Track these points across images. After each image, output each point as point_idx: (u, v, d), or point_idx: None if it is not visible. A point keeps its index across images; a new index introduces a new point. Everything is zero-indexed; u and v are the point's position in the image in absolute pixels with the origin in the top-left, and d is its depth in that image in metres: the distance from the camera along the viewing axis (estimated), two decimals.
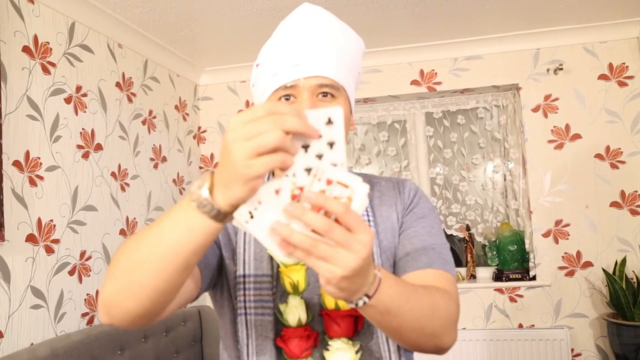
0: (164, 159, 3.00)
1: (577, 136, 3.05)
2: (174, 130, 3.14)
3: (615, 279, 2.70)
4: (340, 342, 0.93)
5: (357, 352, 0.94)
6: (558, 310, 3.00)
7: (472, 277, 3.18)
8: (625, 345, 2.61)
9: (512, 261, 3.09)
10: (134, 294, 0.71)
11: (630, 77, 3.01)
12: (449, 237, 3.35)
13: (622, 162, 2.99)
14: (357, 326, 0.95)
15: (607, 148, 3.01)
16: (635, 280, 2.78)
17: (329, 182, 0.64)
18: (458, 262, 3.30)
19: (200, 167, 3.44)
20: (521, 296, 3.04)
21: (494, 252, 3.20)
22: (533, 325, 3.01)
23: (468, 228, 3.25)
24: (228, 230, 1.00)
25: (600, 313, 2.91)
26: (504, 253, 3.09)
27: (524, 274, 3.06)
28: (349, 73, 0.99)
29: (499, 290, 3.07)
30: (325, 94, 0.95)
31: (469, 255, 3.20)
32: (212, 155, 3.45)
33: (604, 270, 2.80)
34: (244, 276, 0.95)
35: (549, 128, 3.08)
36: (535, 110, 3.10)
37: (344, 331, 0.93)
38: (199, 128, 3.47)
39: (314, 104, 0.93)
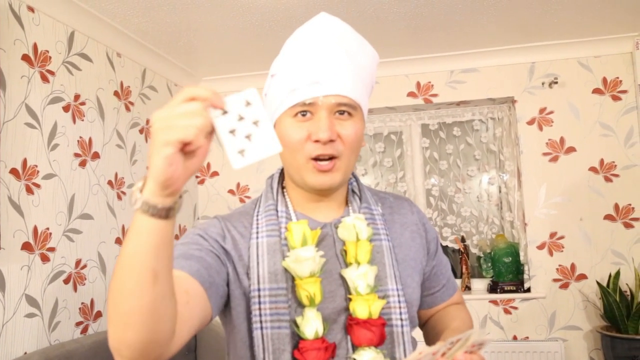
0: None
1: (571, 149, 3.07)
2: None
3: (609, 291, 2.71)
4: (371, 351, 0.94)
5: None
6: (552, 323, 3.00)
7: (467, 288, 3.18)
8: (619, 358, 2.61)
9: (506, 273, 3.10)
10: (127, 324, 0.70)
11: (624, 92, 3.04)
12: (444, 249, 3.36)
13: (616, 176, 3.01)
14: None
15: (601, 161, 3.04)
16: (629, 293, 2.79)
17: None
18: (453, 274, 3.30)
19: (197, 177, 3.44)
20: (516, 308, 3.05)
21: (489, 264, 3.21)
22: (527, 338, 3.02)
23: (463, 239, 3.26)
24: (239, 246, 1.00)
25: (594, 326, 2.92)
26: (499, 265, 3.10)
27: (519, 285, 3.07)
28: (365, 90, 1.01)
29: (494, 302, 3.07)
30: (342, 112, 0.97)
31: (463, 267, 3.20)
32: (208, 165, 3.46)
33: (598, 283, 2.82)
34: (259, 290, 0.94)
35: (543, 141, 3.11)
36: (531, 123, 3.13)
37: (377, 339, 0.94)
38: None
39: (331, 123, 0.95)
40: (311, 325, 0.93)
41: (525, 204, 3.10)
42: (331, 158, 0.96)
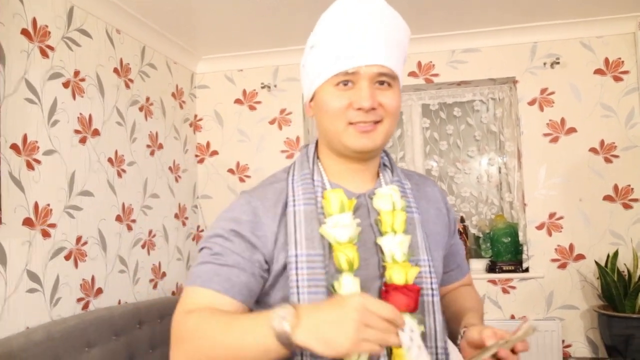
0: (160, 146, 3.00)
1: (572, 130, 3.07)
2: (171, 117, 3.14)
3: (607, 271, 2.73)
4: (407, 316, 0.95)
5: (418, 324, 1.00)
6: (550, 302, 3.03)
7: None
8: (615, 337, 2.64)
9: (505, 253, 3.11)
10: None
11: (626, 72, 3.03)
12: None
13: (616, 157, 3.02)
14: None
15: (602, 142, 3.04)
16: (626, 273, 2.81)
17: None
18: None
19: (196, 156, 3.44)
20: (514, 288, 3.07)
21: (488, 244, 3.22)
22: (525, 317, 3.04)
23: (462, 220, 3.27)
24: (267, 228, 1.00)
25: (591, 305, 2.95)
26: (498, 245, 3.12)
27: (517, 265, 3.09)
28: (400, 63, 1.04)
29: (492, 281, 3.09)
30: (382, 83, 1.00)
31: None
32: (208, 144, 3.45)
33: (596, 262, 2.83)
34: (296, 256, 0.96)
35: (544, 121, 3.10)
36: (532, 103, 3.12)
37: (413, 304, 0.97)
38: (195, 116, 3.46)
39: (373, 92, 0.98)
40: (350, 289, 0.95)
41: (525, 184, 3.10)
42: (373, 123, 0.99)
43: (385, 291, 0.98)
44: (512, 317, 3.06)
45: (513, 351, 0.94)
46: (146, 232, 2.79)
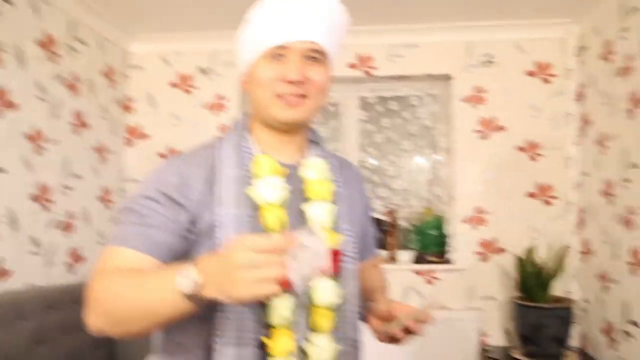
0: (86, 125, 2.89)
1: (501, 128, 3.16)
2: (99, 96, 3.03)
3: (525, 264, 2.83)
4: (327, 280, 1.02)
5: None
6: (471, 293, 3.12)
7: (393, 259, 3.25)
8: (528, 326, 2.75)
9: (432, 245, 3.18)
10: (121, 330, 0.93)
11: (554, 76, 3.14)
12: (375, 221, 3.41)
13: (540, 155, 3.13)
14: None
15: (528, 141, 3.14)
16: (543, 266, 2.92)
17: None
18: (382, 245, 3.36)
19: (126, 138, 3.33)
20: (438, 279, 3.15)
21: (416, 236, 3.28)
22: (446, 307, 3.12)
23: (393, 212, 3.31)
24: (195, 190, 1.02)
25: (509, 296, 3.05)
26: (425, 237, 3.18)
27: (442, 258, 3.16)
28: (334, 45, 1.10)
29: (418, 272, 3.16)
30: (313, 58, 1.05)
31: (391, 239, 3.26)
32: (139, 127, 3.35)
33: (515, 256, 2.92)
34: (224, 215, 0.99)
35: (476, 119, 3.18)
36: (465, 100, 3.19)
37: (335, 269, 1.03)
38: (127, 97, 3.35)
39: (302, 66, 1.03)
40: None
41: (454, 179, 3.17)
42: (300, 97, 1.04)
43: None
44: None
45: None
46: (65, 214, 2.68)
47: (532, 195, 3.12)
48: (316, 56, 1.05)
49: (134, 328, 0.91)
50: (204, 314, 0.92)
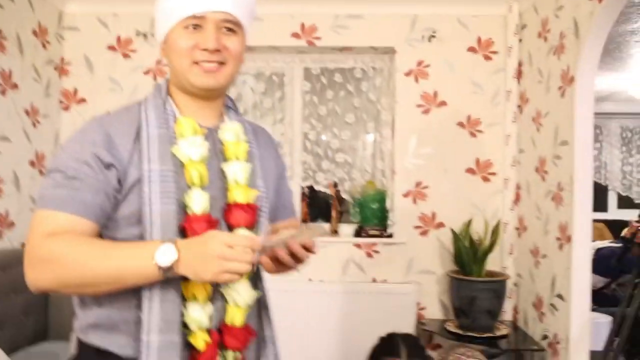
0: (15, 86, 2.75)
1: (443, 103, 3.19)
2: (30, 57, 2.88)
3: (460, 238, 2.88)
4: (245, 231, 1.12)
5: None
6: (410, 267, 3.17)
7: (335, 232, 3.26)
8: (462, 298, 2.81)
9: (372, 218, 3.20)
10: (65, 287, 1.03)
11: (495, 52, 3.18)
12: (317, 193, 3.41)
13: (480, 132, 3.18)
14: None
15: (469, 117, 3.18)
16: (479, 241, 2.99)
17: None
18: (324, 219, 3.37)
19: (61, 102, 3.20)
20: (378, 252, 3.18)
21: (357, 209, 3.30)
22: (385, 280, 3.17)
23: (335, 185, 3.32)
24: (121, 148, 1.07)
25: (446, 270, 3.11)
26: (366, 210, 3.20)
27: (383, 231, 3.19)
28: (248, 17, 1.16)
29: (358, 245, 3.18)
30: (228, 29, 1.12)
31: (333, 212, 3.27)
32: (75, 91, 3.22)
33: (452, 230, 2.98)
34: (150, 171, 1.05)
35: (418, 93, 3.19)
36: (408, 74, 3.20)
37: (252, 220, 1.13)
38: (62, 59, 3.21)
39: (218, 35, 1.10)
40: (199, 202, 1.07)
41: (396, 153, 3.19)
42: (218, 64, 1.11)
43: (229, 209, 1.12)
44: (374, 280, 3.17)
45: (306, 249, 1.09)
46: None
47: (471, 171, 3.17)
48: (231, 27, 1.12)
49: (90, 290, 1.03)
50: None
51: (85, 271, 0.98)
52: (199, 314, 1.05)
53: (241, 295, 1.10)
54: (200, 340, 1.05)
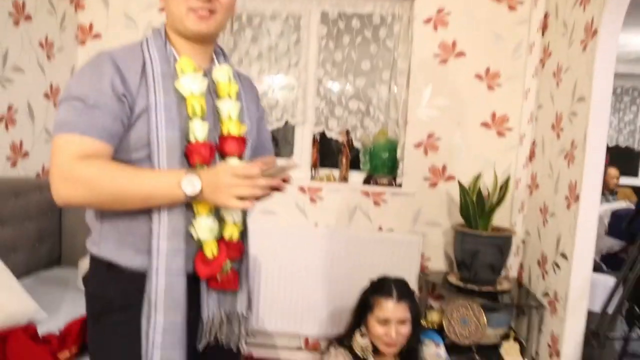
0: (29, 18, 2.76)
1: (461, 54, 3.10)
2: None
3: (468, 191, 2.86)
4: (236, 159, 1.30)
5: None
6: (417, 218, 3.17)
7: (345, 179, 3.27)
8: (465, 252, 2.82)
9: (382, 168, 3.19)
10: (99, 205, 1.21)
11: (520, 2, 3.05)
12: (329, 140, 3.40)
13: (499, 85, 3.09)
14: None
15: (487, 69, 3.09)
16: (487, 195, 2.96)
17: None
18: (335, 165, 3.37)
19: (78, 37, 3.20)
20: (385, 201, 3.18)
21: (367, 158, 3.28)
22: (392, 230, 3.18)
23: (348, 133, 3.30)
24: (130, 81, 1.19)
25: (453, 223, 3.11)
26: (376, 159, 3.18)
27: (392, 181, 3.18)
28: None
29: (365, 193, 3.19)
30: None
31: (344, 159, 3.26)
32: (90, 25, 3.21)
33: (459, 183, 2.95)
34: (156, 102, 1.19)
35: (436, 42, 3.11)
36: (427, 22, 3.10)
37: (242, 150, 1.31)
38: None
39: None
40: (200, 130, 1.23)
41: (410, 103, 3.14)
42: (209, 12, 1.23)
43: (223, 139, 1.29)
44: (380, 228, 3.19)
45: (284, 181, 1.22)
46: (4, 107, 2.61)
47: (486, 125, 3.11)
48: None
49: (116, 207, 1.18)
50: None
51: (118, 193, 1.13)
52: (206, 224, 1.23)
53: (237, 214, 1.32)
54: (208, 250, 1.24)
